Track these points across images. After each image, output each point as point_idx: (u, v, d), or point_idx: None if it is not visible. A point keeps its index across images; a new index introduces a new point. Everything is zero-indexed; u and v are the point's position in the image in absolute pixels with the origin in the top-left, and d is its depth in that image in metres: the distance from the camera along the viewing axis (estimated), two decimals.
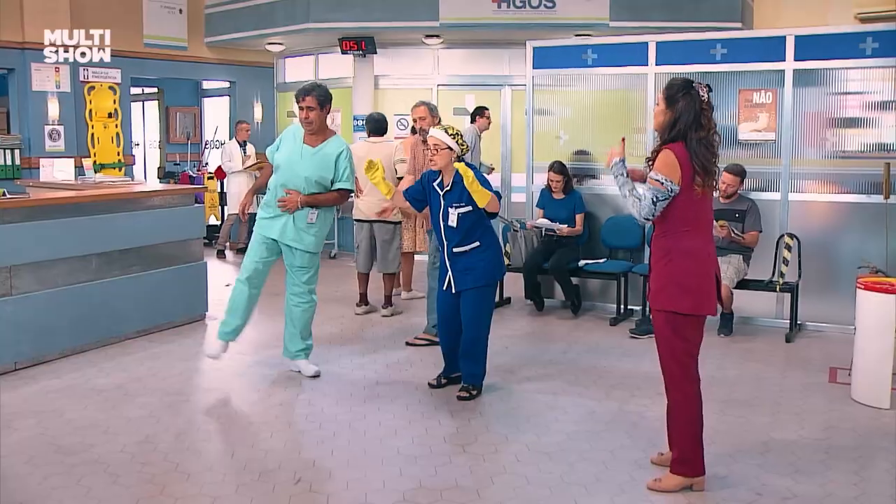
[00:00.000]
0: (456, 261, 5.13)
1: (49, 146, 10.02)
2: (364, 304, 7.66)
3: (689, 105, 3.65)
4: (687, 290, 3.71)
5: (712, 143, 3.70)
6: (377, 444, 4.39)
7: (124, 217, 6.55)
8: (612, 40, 7.84)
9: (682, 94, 3.68)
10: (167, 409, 4.97)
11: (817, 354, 6.28)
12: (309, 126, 5.41)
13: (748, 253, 6.83)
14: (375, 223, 7.49)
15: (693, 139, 3.64)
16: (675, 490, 3.84)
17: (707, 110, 3.69)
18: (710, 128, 3.69)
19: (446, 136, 5.07)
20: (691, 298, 3.72)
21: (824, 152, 7.06)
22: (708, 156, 3.66)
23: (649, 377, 5.61)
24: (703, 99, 3.68)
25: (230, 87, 12.48)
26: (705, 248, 3.78)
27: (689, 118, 3.64)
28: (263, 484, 3.89)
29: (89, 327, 6.22)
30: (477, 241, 5.10)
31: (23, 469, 4.06)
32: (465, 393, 5.14)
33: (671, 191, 3.64)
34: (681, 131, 3.65)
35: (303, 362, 5.67)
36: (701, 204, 3.73)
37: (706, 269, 3.77)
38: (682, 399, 3.82)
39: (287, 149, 5.48)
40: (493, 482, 3.94)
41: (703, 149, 3.65)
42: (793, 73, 6.97)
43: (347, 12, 9.92)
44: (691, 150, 3.63)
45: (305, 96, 5.36)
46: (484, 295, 5.18)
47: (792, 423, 4.80)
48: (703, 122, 3.66)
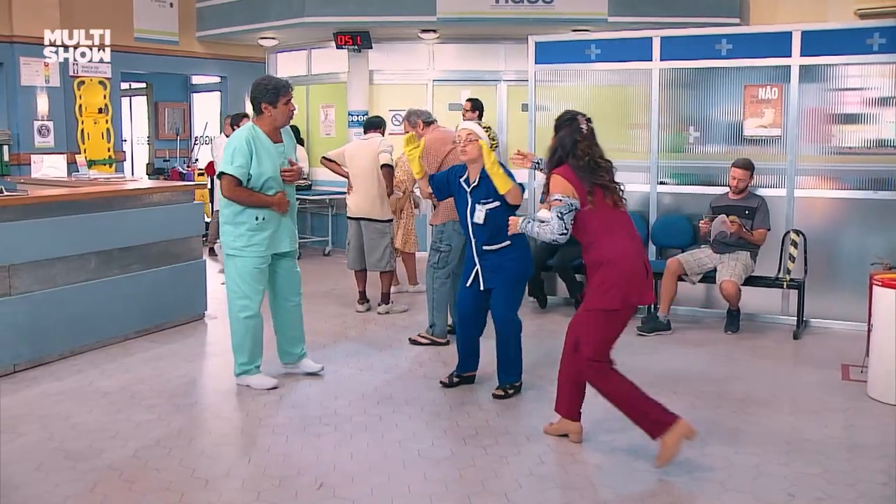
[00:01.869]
0: (486, 258, 5.05)
1: (38, 142, 9.83)
2: (364, 301, 7.56)
3: (567, 136, 4.12)
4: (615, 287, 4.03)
5: (595, 167, 4.09)
6: (397, 447, 4.29)
7: (123, 214, 6.41)
8: (615, 35, 7.75)
9: (565, 125, 4.17)
10: (176, 411, 4.84)
11: (827, 351, 6.25)
12: (291, 119, 5.27)
13: (755, 250, 6.78)
14: (363, 221, 7.39)
15: (573, 165, 4.08)
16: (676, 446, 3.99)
17: (582, 142, 4.10)
18: (590, 155, 4.09)
19: (479, 127, 5.01)
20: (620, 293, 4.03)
21: (830, 148, 7.03)
22: (591, 177, 4.05)
23: (663, 375, 5.57)
24: (581, 130, 4.12)
25: (221, 82, 12.31)
26: (624, 250, 4.09)
27: (568, 145, 4.10)
28: (285, 490, 3.79)
29: (89, 327, 6.08)
30: (507, 241, 4.98)
31: (33, 476, 3.93)
32: (502, 392, 5.07)
33: (571, 205, 4.03)
34: (561, 158, 4.12)
35: (306, 361, 5.56)
36: (607, 213, 4.11)
37: (630, 269, 4.07)
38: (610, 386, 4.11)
39: (265, 159, 5.05)
40: (521, 485, 3.86)
41: (583, 172, 4.06)
42: (799, 68, 6.93)
43: (343, 6, 9.78)
44: (576, 171, 4.07)
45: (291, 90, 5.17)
46: (515, 293, 5.13)
47: (812, 421, 4.75)
48: (577, 152, 4.08)
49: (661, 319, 6.74)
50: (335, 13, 9.84)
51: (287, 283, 5.41)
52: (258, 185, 5.07)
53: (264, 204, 5.09)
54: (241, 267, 5.14)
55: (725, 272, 6.61)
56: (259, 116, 5.14)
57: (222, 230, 5.23)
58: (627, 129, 7.72)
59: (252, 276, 5.15)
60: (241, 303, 5.16)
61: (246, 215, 5.09)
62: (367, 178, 7.29)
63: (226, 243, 5.21)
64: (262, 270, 5.19)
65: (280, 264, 5.34)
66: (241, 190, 5.04)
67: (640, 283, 4.10)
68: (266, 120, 5.12)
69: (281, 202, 5.13)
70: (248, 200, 5.06)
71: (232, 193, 5.04)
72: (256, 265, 5.15)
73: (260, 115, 5.13)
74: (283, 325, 5.48)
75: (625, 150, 7.62)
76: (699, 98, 7.37)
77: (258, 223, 5.11)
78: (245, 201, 5.06)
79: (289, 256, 5.38)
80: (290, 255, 5.38)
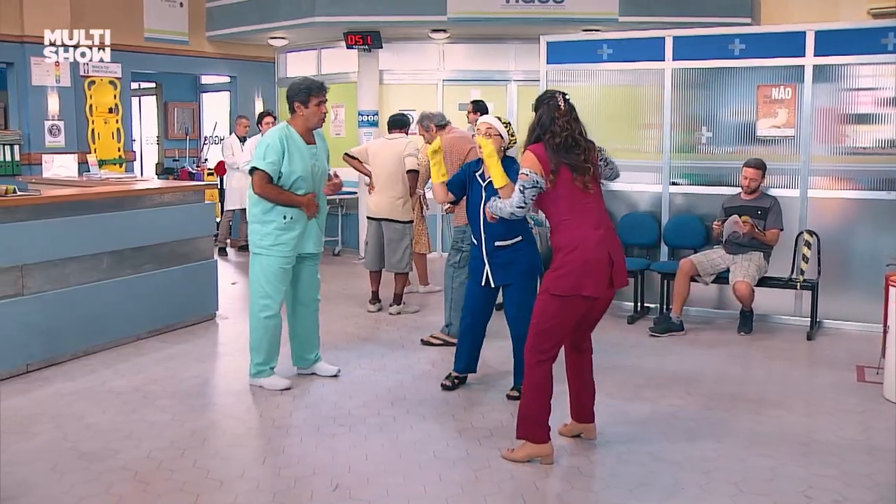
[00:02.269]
0: (496, 254, 5.02)
1: (49, 142, 9.83)
2: (376, 301, 7.55)
3: (545, 113, 4.08)
4: (566, 274, 3.96)
5: (573, 146, 4.01)
6: (412, 448, 4.28)
7: (135, 214, 6.41)
8: (627, 35, 7.72)
9: (543, 103, 4.13)
10: (189, 412, 4.84)
11: (841, 352, 6.22)
12: (323, 121, 5.26)
13: (768, 250, 6.75)
14: (384, 221, 7.37)
15: (548, 142, 4.02)
16: (524, 460, 4.05)
17: (560, 118, 4.04)
18: (568, 131, 4.02)
19: (499, 122, 4.97)
20: (568, 282, 3.95)
21: (844, 148, 6.99)
22: (564, 155, 3.98)
23: (677, 377, 5.55)
24: (559, 107, 4.07)
25: (231, 81, 12.31)
26: (586, 236, 3.99)
27: (546, 124, 4.05)
28: (300, 491, 3.78)
29: (101, 328, 6.08)
30: (519, 236, 4.99)
31: (48, 477, 3.93)
32: (517, 392, 5.03)
33: (536, 181, 3.97)
34: (538, 136, 4.08)
35: (321, 365, 5.55)
36: (575, 196, 4.03)
37: (590, 256, 3.97)
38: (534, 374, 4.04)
39: (296, 158, 5.09)
40: (537, 487, 3.84)
41: (557, 149, 3.99)
42: (812, 68, 6.90)
43: (353, 6, 9.76)
44: (549, 149, 4.00)
45: (326, 90, 5.19)
46: (528, 288, 5.09)
47: (829, 423, 4.72)
48: (555, 129, 4.02)
49: (673, 320, 6.71)
50: (345, 13, 9.82)
51: (307, 288, 5.41)
52: (288, 183, 5.08)
53: (293, 203, 5.10)
54: (266, 266, 5.15)
55: (739, 273, 6.58)
56: (293, 116, 5.18)
57: (250, 229, 5.26)
58: (639, 129, 7.70)
59: (276, 275, 5.16)
60: (263, 302, 5.17)
61: (274, 214, 5.11)
62: (390, 178, 7.26)
63: (253, 242, 5.22)
64: (286, 271, 5.19)
65: (303, 267, 5.34)
66: (271, 187, 5.05)
67: (598, 274, 3.97)
68: (299, 120, 5.16)
69: (310, 203, 5.14)
70: (277, 198, 5.07)
71: (262, 190, 5.05)
72: (281, 265, 5.15)
73: (294, 115, 5.17)
74: (300, 330, 5.48)
75: (637, 151, 7.61)
76: (711, 98, 7.34)
77: (286, 222, 5.11)
78: (275, 199, 5.07)
79: (313, 260, 5.37)
80: (314, 258, 5.37)
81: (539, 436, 4.06)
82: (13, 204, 5.51)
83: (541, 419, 4.06)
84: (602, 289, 4.01)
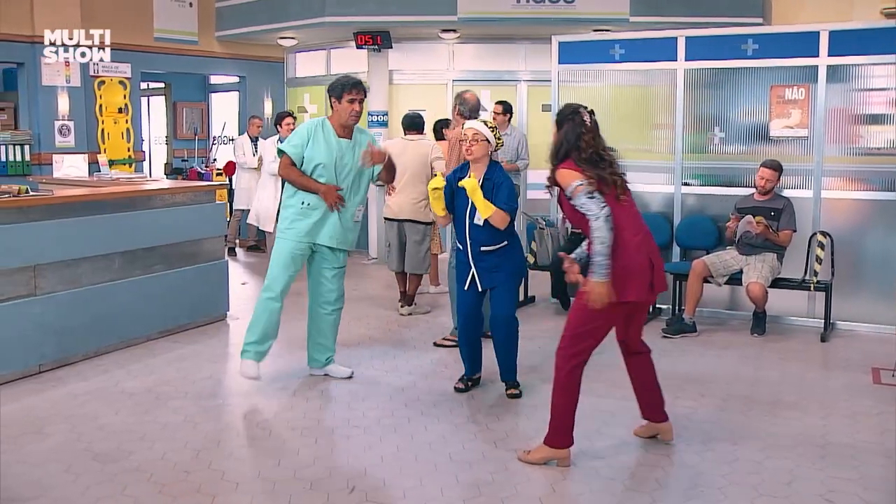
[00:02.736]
0: (482, 259, 5.04)
1: (59, 142, 9.81)
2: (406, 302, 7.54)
3: (571, 130, 4.05)
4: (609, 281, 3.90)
5: (599, 160, 4.00)
6: (427, 450, 4.26)
7: (148, 215, 6.41)
8: (640, 35, 7.69)
9: (567, 119, 4.09)
10: (202, 413, 4.82)
11: (855, 354, 6.18)
12: (357, 119, 5.28)
13: (781, 251, 6.72)
14: (406, 223, 7.35)
15: (576, 158, 4.00)
16: (541, 462, 4.03)
17: (586, 134, 4.04)
18: (593, 147, 4.02)
19: (485, 127, 4.99)
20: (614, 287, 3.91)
21: (857, 149, 6.95)
22: (594, 169, 3.96)
23: (690, 378, 5.53)
24: (585, 123, 4.05)
25: (240, 82, 12.30)
26: (626, 243, 3.97)
27: (572, 141, 4.03)
28: (316, 493, 3.76)
29: (113, 328, 6.07)
30: (505, 240, 5.04)
31: (62, 478, 3.92)
32: (517, 391, 5.11)
33: (590, 185, 3.93)
34: (566, 152, 4.05)
35: (333, 367, 5.54)
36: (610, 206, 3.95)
37: (629, 261, 3.95)
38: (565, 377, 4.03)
39: (322, 146, 5.22)
40: (555, 490, 3.82)
41: (586, 165, 3.98)
42: (826, 68, 6.86)
43: (363, 6, 9.74)
44: (577, 164, 4.00)
45: (362, 89, 5.24)
46: (514, 291, 5.25)
47: (845, 425, 4.69)
48: (581, 145, 4.01)
49: (686, 321, 6.68)
50: (355, 13, 9.80)
51: (328, 292, 5.40)
52: (308, 168, 5.20)
53: (312, 188, 5.18)
54: (280, 248, 5.27)
55: (752, 274, 6.55)
56: (333, 111, 5.30)
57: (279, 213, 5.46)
58: (651, 129, 7.67)
59: (285, 259, 5.23)
60: (267, 283, 5.28)
61: (295, 199, 5.25)
62: (413, 179, 7.22)
63: (278, 227, 5.43)
64: (295, 257, 5.24)
65: (324, 269, 5.35)
66: (293, 169, 5.21)
67: (640, 279, 3.98)
68: (334, 115, 5.27)
69: (329, 191, 5.16)
70: (297, 180, 5.21)
71: (285, 171, 5.25)
72: (292, 249, 5.22)
73: (333, 110, 5.29)
74: (315, 331, 5.47)
75: (649, 151, 7.58)
76: (724, 98, 7.31)
77: (303, 208, 5.21)
78: (295, 181, 5.22)
79: (330, 261, 5.35)
80: (332, 259, 5.35)
81: (565, 441, 4.05)
82: (26, 204, 5.51)
83: (569, 424, 4.05)
84: (643, 293, 4.02)
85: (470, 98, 6.41)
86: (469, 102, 6.38)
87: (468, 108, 6.39)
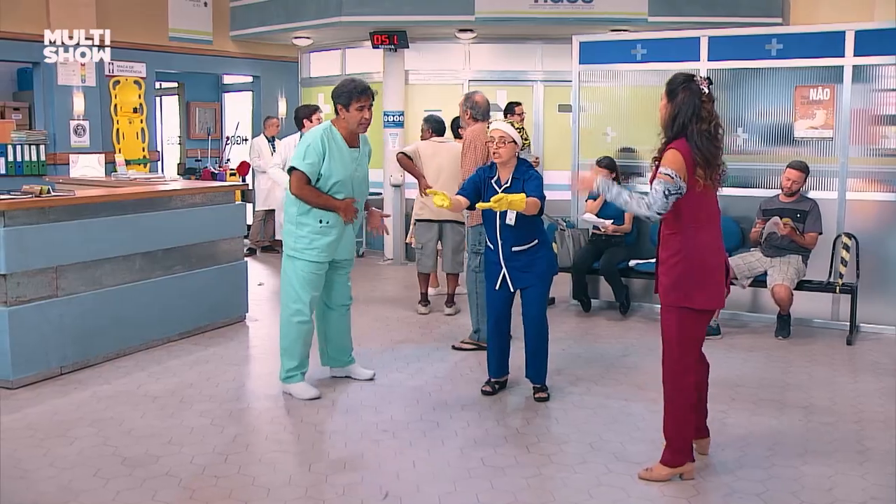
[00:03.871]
0: (514, 259, 5.00)
1: (74, 142, 9.79)
2: (427, 303, 7.49)
3: (688, 98, 3.71)
4: (699, 285, 3.77)
5: (716, 136, 3.74)
6: (459, 455, 4.20)
7: (168, 215, 6.36)
8: (662, 35, 7.62)
9: (682, 88, 3.74)
10: (228, 417, 4.77)
11: (883, 357, 6.12)
12: (367, 127, 5.10)
13: (806, 253, 6.65)
14: (447, 223, 7.31)
15: (694, 131, 3.68)
16: (665, 479, 3.88)
17: (707, 102, 3.74)
18: (712, 119, 3.73)
19: (512, 129, 4.96)
20: (704, 294, 3.78)
21: (883, 150, 6.87)
22: (710, 147, 3.70)
23: (718, 382, 5.43)
24: (703, 92, 3.74)
25: (254, 81, 12.27)
26: (715, 242, 3.83)
27: (689, 111, 3.70)
28: (350, 499, 3.70)
29: (133, 330, 6.02)
30: (536, 239, 5.01)
31: (92, 483, 3.87)
32: (545, 394, 5.06)
33: (680, 188, 3.67)
34: (682, 124, 3.71)
35: (355, 367, 5.48)
36: (707, 199, 3.79)
37: (717, 263, 3.82)
38: (678, 391, 3.87)
39: (337, 161, 4.96)
40: (591, 496, 3.76)
41: (705, 140, 3.69)
42: (852, 69, 6.79)
43: (379, 6, 9.69)
44: (693, 143, 3.68)
45: (371, 95, 5.01)
46: (546, 291, 5.18)
47: (880, 430, 4.62)
48: (703, 114, 3.71)
49: (710, 324, 6.60)
50: (372, 13, 9.74)
51: (338, 294, 5.33)
52: (326, 186, 4.96)
53: (331, 207, 4.96)
54: (299, 270, 5.03)
55: (778, 276, 6.48)
56: (337, 117, 5.05)
57: (285, 230, 5.14)
58: None
59: (308, 280, 5.04)
60: (295, 307, 5.05)
61: (310, 217, 4.99)
62: (450, 180, 7.10)
63: (287, 244, 5.10)
64: (319, 276, 5.08)
65: (336, 273, 5.25)
66: (309, 188, 4.93)
67: (717, 286, 3.84)
68: (341, 122, 5.03)
69: (348, 208, 5.00)
70: (314, 200, 4.94)
71: (300, 191, 4.93)
72: (314, 270, 5.04)
73: (337, 116, 5.04)
74: (331, 333, 5.40)
75: None
76: (747, 99, 7.23)
77: (321, 227, 4.99)
78: (312, 201, 4.95)
79: (345, 267, 5.29)
80: (347, 265, 5.30)
81: (688, 458, 3.92)
82: (48, 204, 5.46)
83: (690, 437, 3.94)
84: (722, 299, 3.92)
85: (480, 101, 6.33)
86: (480, 105, 6.31)
87: (480, 111, 6.31)
